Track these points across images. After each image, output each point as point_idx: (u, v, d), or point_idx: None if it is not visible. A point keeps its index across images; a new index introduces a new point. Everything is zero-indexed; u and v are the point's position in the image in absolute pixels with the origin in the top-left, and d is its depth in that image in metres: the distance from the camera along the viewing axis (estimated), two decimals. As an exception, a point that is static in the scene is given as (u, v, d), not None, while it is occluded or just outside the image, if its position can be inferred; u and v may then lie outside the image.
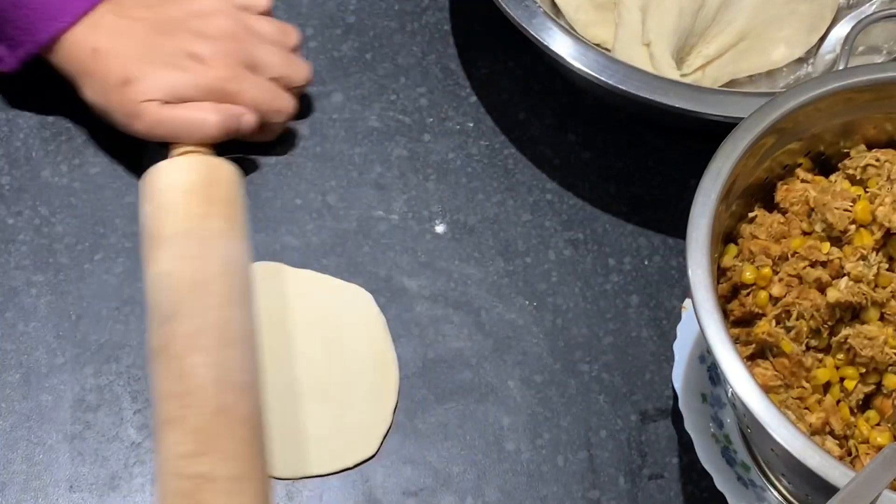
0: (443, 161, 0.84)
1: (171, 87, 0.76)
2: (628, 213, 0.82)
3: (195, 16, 0.79)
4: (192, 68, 0.77)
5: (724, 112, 0.75)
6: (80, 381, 0.76)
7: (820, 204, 0.67)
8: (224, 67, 0.78)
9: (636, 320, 0.79)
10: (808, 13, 0.84)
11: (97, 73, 0.76)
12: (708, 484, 0.71)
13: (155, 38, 0.77)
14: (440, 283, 0.79)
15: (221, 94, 0.77)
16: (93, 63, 0.76)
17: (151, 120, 0.76)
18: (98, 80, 0.77)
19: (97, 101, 0.77)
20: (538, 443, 0.75)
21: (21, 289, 0.78)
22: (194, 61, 0.77)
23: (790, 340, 0.65)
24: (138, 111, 0.76)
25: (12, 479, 0.73)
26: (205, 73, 0.77)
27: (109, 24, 0.77)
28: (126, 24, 0.77)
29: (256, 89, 0.79)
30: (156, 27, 0.78)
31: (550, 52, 0.77)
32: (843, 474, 0.57)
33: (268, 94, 0.79)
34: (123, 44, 0.77)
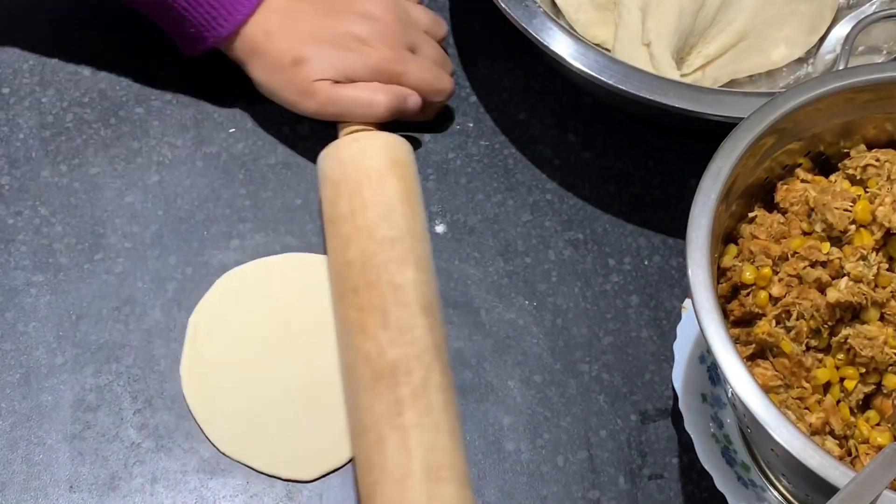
0: (443, 161, 0.84)
1: (341, 66, 0.79)
2: (628, 213, 0.82)
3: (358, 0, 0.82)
4: (359, 49, 0.80)
5: (724, 112, 0.75)
6: (80, 381, 0.76)
7: (820, 204, 0.67)
8: (388, 49, 0.80)
9: (636, 320, 0.79)
10: (808, 13, 0.84)
11: (269, 53, 0.79)
12: (708, 484, 0.71)
13: (323, 21, 0.80)
14: (440, 283, 0.79)
15: (387, 75, 0.80)
16: (265, 44, 0.79)
17: (324, 98, 0.79)
18: (270, 61, 0.79)
19: (269, 80, 0.80)
20: (538, 443, 0.75)
21: (21, 289, 0.78)
22: (360, 43, 0.80)
23: (790, 340, 0.65)
24: (311, 89, 0.79)
25: (12, 479, 0.73)
26: (371, 53, 0.80)
27: (280, 7, 0.80)
28: (295, 6, 0.80)
29: (420, 70, 0.81)
30: (322, 9, 0.81)
31: (550, 52, 0.77)
32: (843, 474, 0.57)
33: (430, 74, 0.82)
34: (294, 26, 0.79)
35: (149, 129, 0.84)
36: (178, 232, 0.81)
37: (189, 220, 0.81)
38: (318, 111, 0.80)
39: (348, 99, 0.79)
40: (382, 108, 0.79)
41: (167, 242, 0.80)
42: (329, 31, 0.80)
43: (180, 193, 0.82)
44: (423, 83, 0.81)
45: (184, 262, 0.80)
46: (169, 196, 0.82)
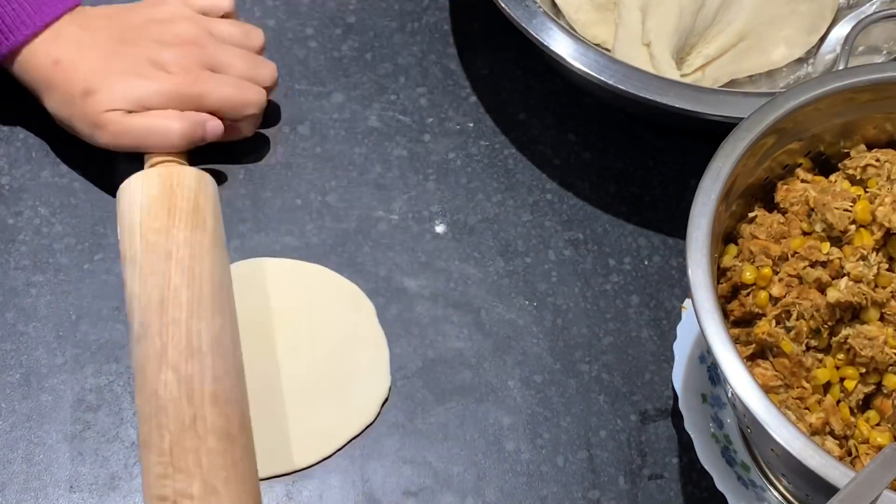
0: (443, 161, 0.84)
1: (134, 95, 0.76)
2: (628, 213, 0.82)
3: (155, 22, 0.79)
4: (155, 76, 0.77)
5: (724, 112, 0.75)
6: (80, 381, 0.76)
7: (820, 204, 0.67)
8: (185, 73, 0.77)
9: (636, 320, 0.79)
10: (808, 13, 0.85)
11: (59, 84, 0.76)
12: (708, 484, 0.71)
13: (116, 48, 0.77)
14: (440, 283, 0.79)
15: (186, 99, 0.77)
16: (55, 74, 0.76)
17: (115, 130, 0.76)
18: (60, 92, 0.77)
19: (60, 112, 0.77)
20: (538, 443, 0.75)
21: (21, 289, 0.78)
22: (156, 68, 0.77)
23: (790, 340, 0.65)
24: (102, 121, 0.76)
25: (12, 479, 0.73)
26: (167, 79, 0.77)
27: (70, 34, 0.77)
28: (87, 34, 0.77)
29: (221, 88, 0.78)
30: (117, 36, 0.78)
31: (550, 52, 0.78)
32: (843, 474, 0.57)
33: (233, 89, 0.79)
34: (85, 54, 0.77)
35: (149, 129, 0.84)
36: (178, 232, 0.81)
37: (189, 220, 0.81)
38: (113, 143, 0.77)
39: (141, 128, 0.76)
40: (177, 136, 0.76)
41: (167, 242, 0.80)
42: (122, 60, 0.77)
43: (180, 193, 0.82)
44: (226, 101, 0.78)
45: (184, 262, 0.80)
46: (169, 196, 0.82)
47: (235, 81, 0.79)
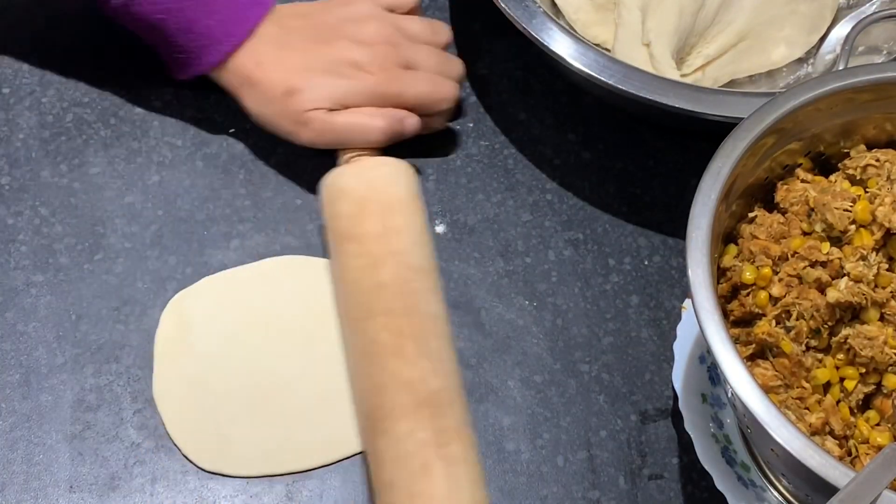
0: (443, 161, 0.84)
1: (335, 94, 0.78)
2: (628, 213, 0.82)
3: (349, 21, 0.81)
4: (353, 75, 0.79)
5: (724, 112, 0.75)
6: (80, 381, 0.76)
7: (820, 204, 0.67)
8: (382, 71, 0.79)
9: (636, 320, 0.79)
10: (808, 13, 0.85)
11: (261, 84, 0.78)
12: (708, 484, 0.71)
13: (314, 47, 0.79)
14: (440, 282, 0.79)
15: (384, 98, 0.79)
16: (257, 75, 0.78)
17: (319, 128, 0.78)
18: (262, 92, 0.79)
19: (262, 111, 0.79)
20: (538, 443, 0.75)
21: (21, 289, 0.78)
22: (354, 68, 0.79)
23: (790, 340, 0.65)
24: (305, 119, 0.78)
25: (12, 479, 0.73)
26: (365, 78, 0.79)
27: (270, 35, 0.79)
28: (285, 34, 0.79)
29: (417, 84, 0.80)
30: (313, 36, 0.80)
31: (550, 52, 0.77)
32: (843, 474, 0.57)
33: (429, 85, 0.81)
34: (285, 55, 0.79)
35: (149, 129, 0.84)
36: (178, 232, 0.81)
37: (189, 220, 0.81)
38: (316, 140, 0.79)
39: (344, 126, 0.78)
40: (379, 133, 0.78)
41: (167, 242, 0.80)
42: (321, 59, 0.79)
43: (180, 193, 0.82)
44: (422, 97, 0.80)
45: (184, 262, 0.80)
46: (169, 196, 0.82)
47: (430, 77, 0.81)
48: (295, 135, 0.79)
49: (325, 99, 0.78)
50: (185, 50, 0.79)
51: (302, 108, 0.78)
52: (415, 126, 0.80)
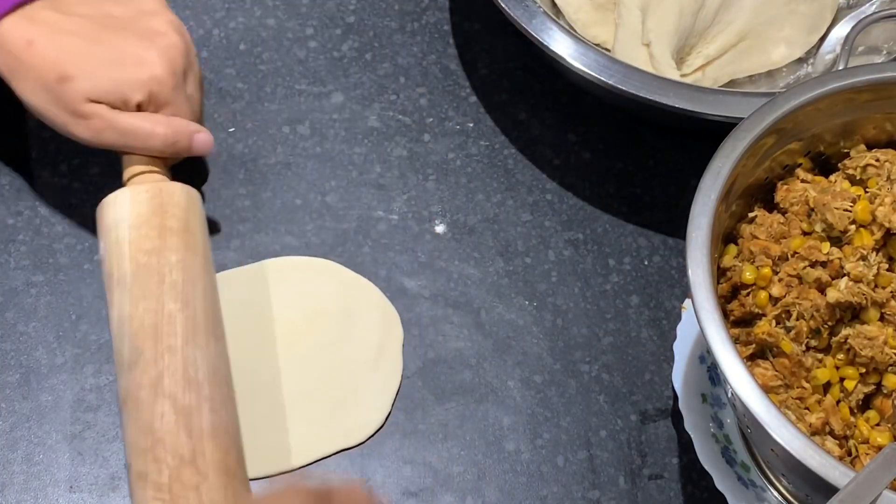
0: (443, 161, 0.84)
1: (113, 86, 0.72)
2: (628, 213, 0.82)
3: (139, 16, 0.75)
4: (134, 69, 0.73)
5: (724, 112, 0.75)
6: (80, 381, 0.76)
7: (820, 204, 0.67)
8: (166, 72, 0.73)
9: (636, 320, 0.79)
10: (808, 13, 0.84)
11: (32, 67, 0.71)
12: (708, 484, 0.71)
13: (97, 35, 0.73)
14: (440, 283, 0.79)
15: (159, 100, 0.73)
16: (28, 56, 0.71)
17: (99, 125, 0.72)
18: (34, 75, 0.71)
19: (34, 99, 0.72)
20: (538, 443, 0.75)
21: (21, 289, 0.78)
22: (136, 62, 0.73)
23: (790, 340, 0.65)
24: (83, 112, 0.72)
25: (12, 479, 0.73)
26: (147, 73, 0.73)
27: (47, 18, 0.72)
28: (66, 19, 0.73)
29: (190, 104, 0.75)
30: (98, 24, 0.74)
31: (550, 52, 0.77)
32: (843, 474, 0.57)
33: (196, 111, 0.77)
34: (62, 38, 0.72)
35: (149, 129, 0.84)
36: (178, 232, 0.81)
37: (189, 220, 0.81)
38: (91, 137, 0.72)
39: (127, 128, 0.72)
40: (160, 143, 0.73)
41: (167, 242, 0.80)
42: (102, 48, 0.72)
43: (180, 193, 0.82)
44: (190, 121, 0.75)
45: (184, 262, 0.79)
46: (169, 196, 0.82)
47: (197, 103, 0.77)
48: (69, 127, 0.72)
49: (100, 90, 0.71)
50: None
51: (78, 98, 0.71)
52: (205, 144, 0.75)
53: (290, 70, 0.87)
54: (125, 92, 0.72)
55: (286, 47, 0.88)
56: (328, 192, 0.83)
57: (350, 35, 0.89)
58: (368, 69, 0.87)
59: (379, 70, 0.87)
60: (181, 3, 0.88)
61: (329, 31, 0.89)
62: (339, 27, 0.89)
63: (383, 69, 0.87)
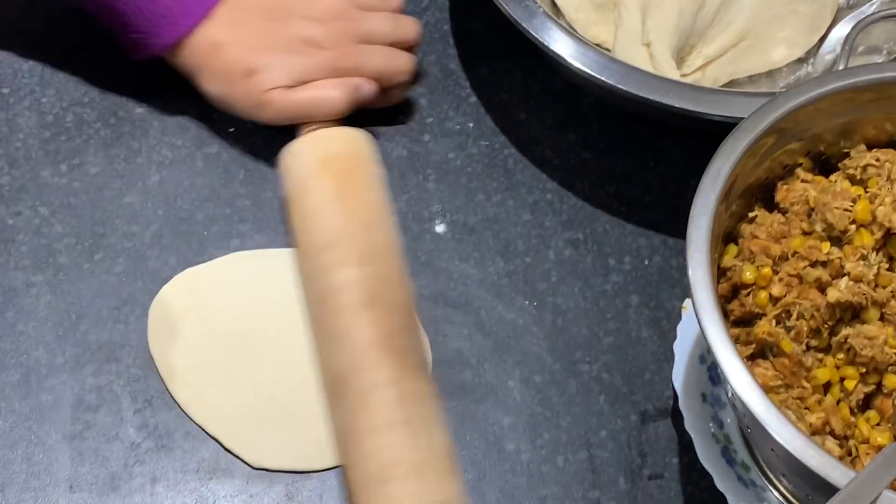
0: (443, 161, 0.84)
1: (294, 72, 0.79)
2: (628, 213, 0.82)
3: (301, 0, 0.81)
4: (310, 52, 0.79)
5: (724, 112, 0.75)
6: (80, 381, 0.76)
7: (820, 204, 0.67)
8: (338, 46, 0.80)
9: (636, 320, 0.79)
10: (808, 13, 0.85)
11: (219, 66, 0.79)
12: (708, 484, 0.71)
13: (269, 27, 0.80)
14: (440, 283, 0.79)
15: (340, 72, 0.80)
16: (214, 57, 0.79)
17: (280, 106, 0.79)
18: (221, 73, 0.79)
19: (221, 93, 0.80)
20: (538, 443, 0.75)
21: (21, 289, 0.78)
22: (309, 45, 0.80)
23: (790, 340, 0.65)
24: (266, 99, 0.78)
25: (12, 479, 0.73)
26: (322, 54, 0.80)
27: (225, 17, 0.79)
28: (240, 15, 0.80)
29: (374, 58, 0.81)
30: (267, 16, 0.80)
31: (550, 52, 0.77)
32: (843, 474, 0.57)
33: (385, 58, 0.82)
34: (241, 35, 0.79)
35: (149, 129, 0.84)
36: (178, 232, 0.81)
37: (189, 220, 0.81)
38: (277, 118, 0.79)
39: (304, 101, 0.79)
40: (340, 103, 0.79)
41: (167, 242, 0.80)
42: (277, 38, 0.80)
43: (180, 193, 0.82)
44: (379, 71, 0.81)
45: (184, 262, 0.80)
46: (169, 196, 0.82)
47: (386, 51, 0.82)
48: (256, 115, 0.80)
49: (283, 78, 0.78)
50: (142, 29, 0.79)
51: (262, 88, 0.78)
52: (372, 91, 0.81)
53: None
54: (305, 78, 0.79)
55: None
56: (328, 192, 0.83)
57: (350, 35, 0.89)
58: (368, 69, 0.87)
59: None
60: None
61: (329, 31, 0.89)
62: (339, 27, 0.89)
63: (383, 69, 0.87)
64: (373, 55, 0.81)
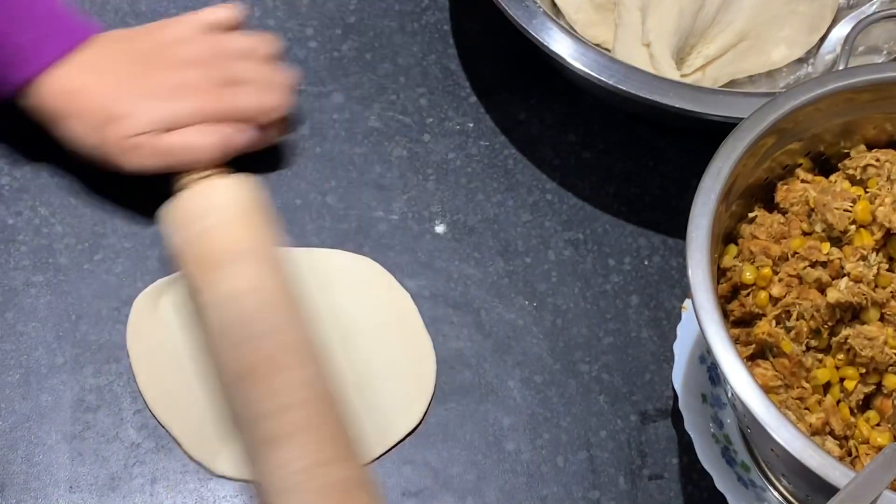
0: (443, 161, 0.84)
1: (162, 117, 0.75)
2: (628, 213, 0.82)
3: (171, 44, 0.79)
4: (178, 97, 0.76)
5: (724, 112, 0.75)
6: (80, 381, 0.76)
7: (820, 204, 0.67)
8: (207, 89, 0.77)
9: (636, 320, 0.79)
10: (808, 13, 0.85)
11: (81, 112, 0.75)
12: (708, 484, 0.71)
13: (135, 71, 0.77)
14: (440, 283, 0.79)
15: (212, 116, 0.77)
16: (75, 103, 0.75)
17: (147, 152, 0.75)
18: (81, 121, 0.75)
19: (83, 141, 0.76)
20: (538, 443, 0.75)
21: (21, 289, 0.78)
22: (178, 90, 0.77)
23: (790, 340, 0.65)
24: (131, 146, 0.75)
25: (12, 479, 0.73)
26: (191, 99, 0.77)
27: (88, 61, 0.76)
28: (103, 60, 0.77)
29: (245, 98, 0.79)
30: (133, 60, 0.77)
31: (550, 52, 0.78)
32: (843, 474, 0.57)
33: (255, 97, 0.79)
34: (104, 80, 0.76)
35: (149, 129, 0.84)
36: (178, 232, 0.81)
37: (189, 220, 0.81)
38: (143, 165, 0.76)
39: (174, 147, 0.75)
40: (210, 150, 0.76)
41: (167, 242, 0.80)
42: (144, 83, 0.76)
43: (180, 193, 0.82)
44: (251, 110, 0.79)
45: (184, 262, 0.80)
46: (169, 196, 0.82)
47: (256, 90, 0.79)
48: (120, 163, 0.76)
49: (150, 123, 0.75)
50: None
51: (127, 134, 0.74)
52: (246, 139, 0.78)
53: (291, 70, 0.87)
54: (174, 123, 0.76)
55: (286, 47, 0.88)
56: (328, 192, 0.83)
57: (350, 35, 0.89)
58: (368, 69, 0.87)
59: (379, 70, 0.87)
60: (181, 4, 0.88)
61: (329, 32, 0.89)
62: (338, 27, 0.89)
63: (383, 69, 0.87)
64: (244, 95, 0.78)
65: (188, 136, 0.76)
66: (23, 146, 0.83)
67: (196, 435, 0.74)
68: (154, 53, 0.78)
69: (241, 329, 0.70)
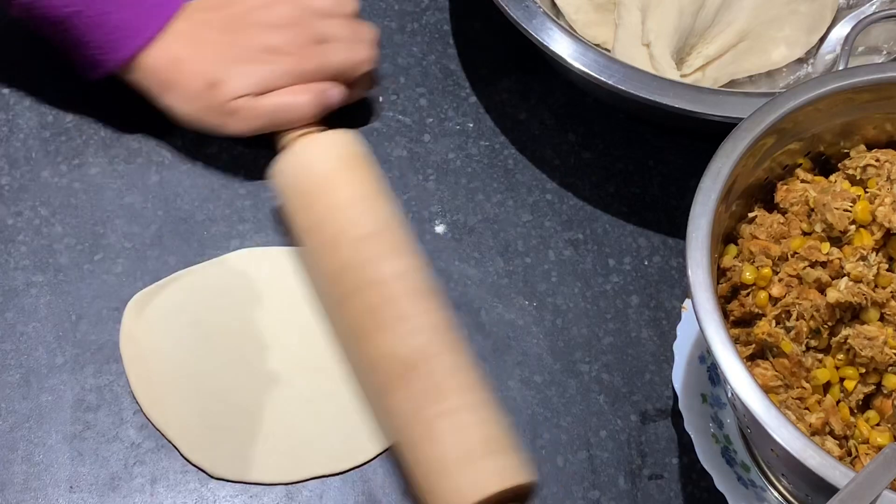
0: (443, 161, 0.84)
1: (258, 80, 0.78)
2: (628, 213, 0.82)
3: (257, 9, 0.81)
4: (271, 59, 0.79)
5: (724, 112, 0.75)
6: (80, 381, 0.76)
7: (820, 204, 0.67)
8: (298, 50, 0.80)
9: (636, 320, 0.79)
10: (808, 13, 0.85)
11: (181, 80, 0.78)
12: (708, 484, 0.71)
13: (228, 38, 0.80)
14: (440, 283, 0.79)
15: (304, 75, 0.79)
16: (175, 72, 0.78)
17: (247, 115, 0.78)
18: (183, 89, 0.78)
19: (185, 109, 0.79)
20: (538, 443, 0.75)
21: (21, 289, 0.78)
22: (270, 52, 0.79)
23: (790, 340, 0.65)
24: (232, 109, 0.78)
25: (12, 479, 0.73)
26: (283, 60, 0.79)
27: (182, 32, 0.79)
28: (197, 29, 0.79)
29: (335, 54, 0.81)
30: (225, 27, 0.80)
31: (550, 52, 0.78)
32: (843, 474, 0.57)
33: (345, 53, 0.81)
34: (201, 48, 0.79)
35: (149, 130, 0.84)
36: (178, 232, 0.81)
37: (189, 220, 0.81)
38: (244, 129, 0.79)
39: (272, 108, 0.78)
40: (308, 108, 0.79)
41: (167, 242, 0.80)
42: (237, 49, 0.79)
43: (180, 193, 0.82)
44: (342, 66, 0.81)
45: (184, 262, 0.80)
46: (169, 196, 0.82)
47: (345, 46, 0.82)
48: (223, 127, 0.79)
49: (248, 86, 0.78)
50: (97, 46, 0.78)
51: (227, 98, 0.78)
52: (340, 94, 0.81)
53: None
54: (269, 85, 0.78)
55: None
56: (328, 192, 0.82)
57: (350, 35, 0.89)
58: (368, 69, 0.87)
59: (379, 70, 0.87)
60: (181, 3, 0.88)
61: (329, 31, 0.89)
62: (339, 27, 0.89)
63: (383, 69, 0.87)
64: (333, 52, 0.81)
65: (284, 96, 0.79)
66: (23, 145, 0.83)
67: (193, 438, 0.74)
68: (242, 19, 0.80)
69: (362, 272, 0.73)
